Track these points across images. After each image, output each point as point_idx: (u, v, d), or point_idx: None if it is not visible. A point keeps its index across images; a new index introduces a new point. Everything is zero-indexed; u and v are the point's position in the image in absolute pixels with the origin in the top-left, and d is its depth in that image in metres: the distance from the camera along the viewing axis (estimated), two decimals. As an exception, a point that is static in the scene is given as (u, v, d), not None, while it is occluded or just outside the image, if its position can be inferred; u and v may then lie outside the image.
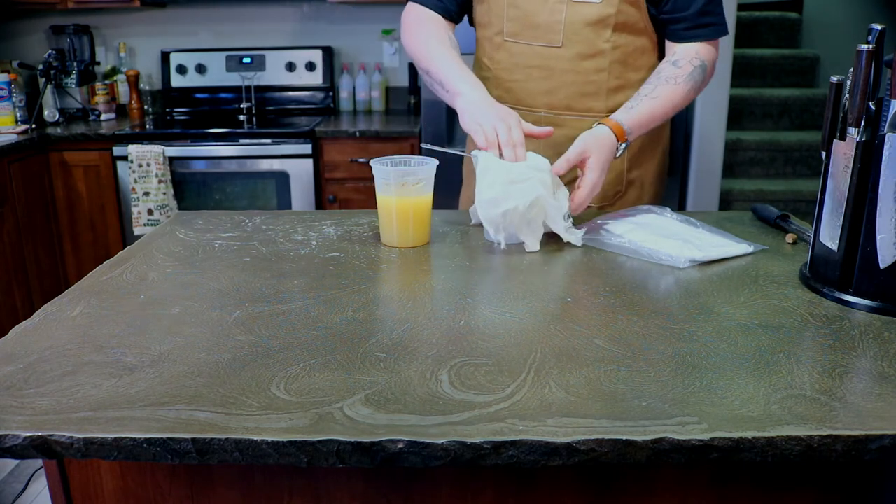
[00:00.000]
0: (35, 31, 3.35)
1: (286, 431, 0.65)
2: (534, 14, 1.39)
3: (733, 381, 0.74)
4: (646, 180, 1.52)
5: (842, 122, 0.94)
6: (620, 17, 1.36)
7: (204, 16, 3.35)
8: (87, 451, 0.65)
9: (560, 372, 0.76)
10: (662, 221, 1.25)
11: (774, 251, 1.16)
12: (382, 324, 0.89)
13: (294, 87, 3.32)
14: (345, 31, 3.36)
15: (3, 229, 2.61)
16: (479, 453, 0.64)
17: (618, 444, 0.64)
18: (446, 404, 0.70)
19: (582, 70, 1.39)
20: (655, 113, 1.32)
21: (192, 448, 0.64)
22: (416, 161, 1.19)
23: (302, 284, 1.01)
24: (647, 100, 1.32)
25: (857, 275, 0.94)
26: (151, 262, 1.11)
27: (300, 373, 0.76)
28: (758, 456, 0.65)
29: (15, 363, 0.78)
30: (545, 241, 1.20)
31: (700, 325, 0.88)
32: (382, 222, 1.19)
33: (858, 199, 0.92)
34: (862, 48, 0.89)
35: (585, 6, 1.35)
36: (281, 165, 2.82)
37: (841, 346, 0.83)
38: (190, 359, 0.79)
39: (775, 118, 3.84)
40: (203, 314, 0.91)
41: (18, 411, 0.68)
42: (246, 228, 1.28)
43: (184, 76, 3.30)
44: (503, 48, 1.44)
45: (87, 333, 0.85)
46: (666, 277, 1.05)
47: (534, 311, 0.93)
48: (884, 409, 0.69)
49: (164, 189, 2.78)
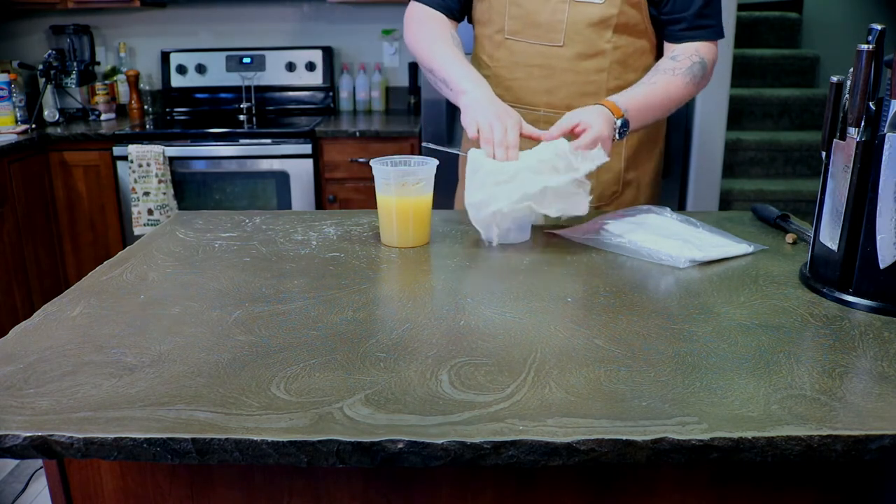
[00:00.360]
0: (35, 31, 3.35)
1: (286, 431, 0.65)
2: (536, 13, 1.39)
3: (733, 381, 0.74)
4: (642, 181, 1.52)
5: (842, 122, 0.94)
6: (622, 19, 1.36)
7: (204, 16, 3.35)
8: (87, 451, 0.65)
9: (560, 372, 0.76)
10: (662, 221, 1.25)
11: (774, 251, 1.16)
12: (382, 324, 0.89)
13: (294, 87, 3.32)
14: (345, 31, 3.36)
15: (3, 229, 2.61)
16: (479, 453, 0.64)
17: (618, 444, 0.64)
18: (446, 404, 0.70)
19: (582, 70, 1.39)
20: (651, 99, 1.31)
21: (192, 448, 0.64)
22: (416, 161, 1.19)
23: (302, 284, 1.01)
24: (643, 86, 1.32)
25: (857, 275, 0.94)
26: (151, 262, 1.11)
27: (300, 373, 0.76)
28: (758, 456, 0.65)
29: (15, 363, 0.78)
30: (545, 241, 1.20)
31: (700, 325, 0.88)
32: (382, 222, 1.19)
33: (858, 199, 0.92)
34: (862, 48, 0.89)
35: (588, 6, 1.36)
36: (281, 165, 2.82)
37: (841, 346, 0.83)
38: (190, 359, 0.79)
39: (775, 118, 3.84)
40: (203, 314, 0.91)
41: (18, 411, 0.68)
42: (246, 228, 1.28)
43: (184, 76, 3.30)
44: (504, 46, 1.44)
45: (87, 333, 0.85)
46: (666, 277, 1.05)
47: (534, 311, 0.93)
48: (884, 409, 0.69)
49: (164, 189, 2.78)
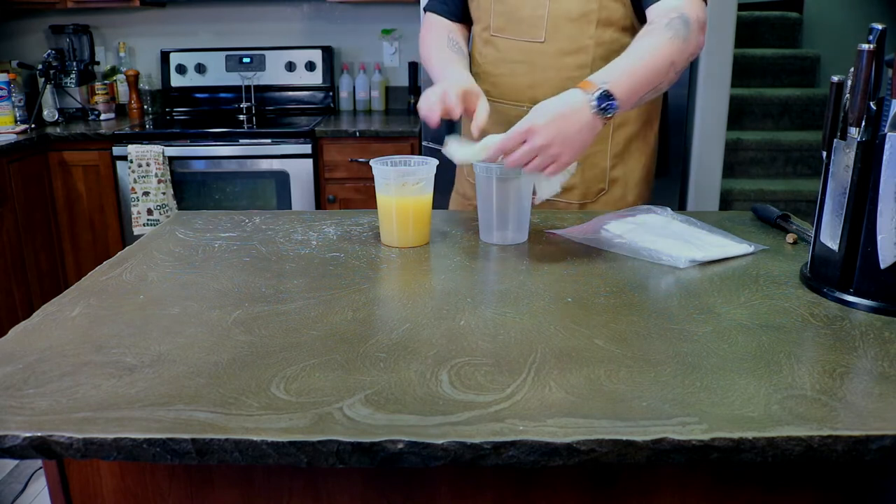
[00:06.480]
0: (34, 31, 3.34)
1: (286, 432, 0.65)
2: (518, 9, 1.38)
3: (733, 381, 0.74)
4: (630, 179, 1.48)
5: (842, 122, 0.94)
6: (604, 13, 1.34)
7: (204, 15, 3.35)
8: (86, 452, 0.65)
9: (560, 372, 0.76)
10: (662, 221, 1.25)
11: (775, 251, 1.16)
12: (382, 324, 0.89)
13: (294, 86, 3.32)
14: (345, 31, 3.36)
15: (3, 229, 2.61)
16: (479, 453, 0.64)
17: (618, 444, 0.64)
18: (446, 404, 0.69)
19: (564, 66, 1.37)
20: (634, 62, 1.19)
21: (192, 448, 0.64)
22: (416, 161, 1.19)
23: (302, 284, 1.01)
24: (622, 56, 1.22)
25: (857, 275, 0.94)
26: (151, 262, 1.11)
27: (300, 373, 0.75)
28: (758, 456, 0.65)
29: (14, 363, 0.78)
30: (545, 241, 1.20)
31: (700, 325, 0.88)
32: (382, 222, 1.19)
33: (859, 198, 0.92)
34: (863, 48, 0.89)
35: (568, 1, 1.34)
36: (281, 165, 2.82)
37: (841, 346, 0.82)
38: (189, 359, 0.79)
39: (776, 118, 3.84)
40: (203, 314, 0.91)
41: (18, 411, 0.68)
42: (246, 228, 1.28)
43: (183, 76, 3.30)
44: (490, 43, 1.44)
45: (87, 333, 0.85)
46: (666, 277, 1.05)
47: (534, 311, 0.92)
48: (884, 409, 0.69)
49: (164, 189, 2.78)
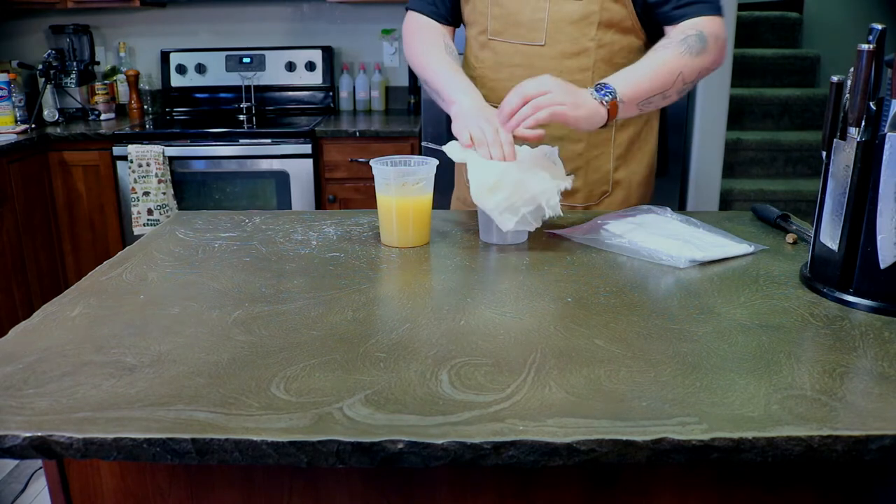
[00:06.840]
0: (35, 31, 3.34)
1: (286, 431, 0.65)
2: (517, 12, 1.37)
3: (733, 381, 0.74)
4: (633, 181, 1.49)
5: (842, 122, 0.94)
6: (605, 15, 1.33)
7: (204, 16, 3.35)
8: (86, 452, 0.65)
9: (560, 372, 0.76)
10: (662, 221, 1.25)
11: (775, 251, 1.16)
12: (382, 324, 0.89)
13: (294, 86, 3.32)
14: (345, 31, 3.36)
15: (3, 229, 2.61)
16: (479, 453, 0.64)
17: (618, 444, 0.64)
18: (446, 404, 0.69)
19: (566, 69, 1.36)
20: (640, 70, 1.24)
21: (192, 448, 0.64)
22: (416, 161, 1.19)
23: (302, 284, 1.01)
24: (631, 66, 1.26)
25: (857, 275, 0.94)
26: (151, 262, 1.11)
27: (300, 373, 0.75)
28: (758, 456, 0.65)
29: (14, 363, 0.78)
30: (545, 241, 1.20)
31: (700, 325, 0.88)
32: (382, 222, 1.19)
33: (859, 198, 0.92)
34: (862, 48, 0.89)
35: (568, 3, 1.33)
36: (281, 165, 2.82)
37: (841, 346, 0.82)
38: (189, 359, 0.79)
39: (776, 118, 3.84)
40: (203, 314, 0.91)
41: (18, 411, 0.68)
42: (246, 228, 1.28)
43: (183, 76, 3.30)
44: (488, 47, 1.43)
45: (87, 334, 0.85)
46: (666, 277, 1.05)
47: (534, 311, 0.92)
48: (884, 409, 0.69)
49: (164, 189, 2.78)
